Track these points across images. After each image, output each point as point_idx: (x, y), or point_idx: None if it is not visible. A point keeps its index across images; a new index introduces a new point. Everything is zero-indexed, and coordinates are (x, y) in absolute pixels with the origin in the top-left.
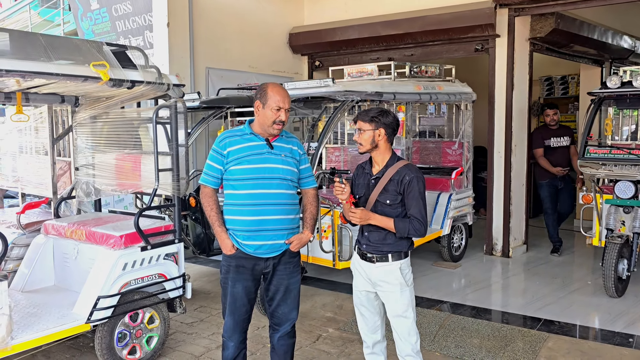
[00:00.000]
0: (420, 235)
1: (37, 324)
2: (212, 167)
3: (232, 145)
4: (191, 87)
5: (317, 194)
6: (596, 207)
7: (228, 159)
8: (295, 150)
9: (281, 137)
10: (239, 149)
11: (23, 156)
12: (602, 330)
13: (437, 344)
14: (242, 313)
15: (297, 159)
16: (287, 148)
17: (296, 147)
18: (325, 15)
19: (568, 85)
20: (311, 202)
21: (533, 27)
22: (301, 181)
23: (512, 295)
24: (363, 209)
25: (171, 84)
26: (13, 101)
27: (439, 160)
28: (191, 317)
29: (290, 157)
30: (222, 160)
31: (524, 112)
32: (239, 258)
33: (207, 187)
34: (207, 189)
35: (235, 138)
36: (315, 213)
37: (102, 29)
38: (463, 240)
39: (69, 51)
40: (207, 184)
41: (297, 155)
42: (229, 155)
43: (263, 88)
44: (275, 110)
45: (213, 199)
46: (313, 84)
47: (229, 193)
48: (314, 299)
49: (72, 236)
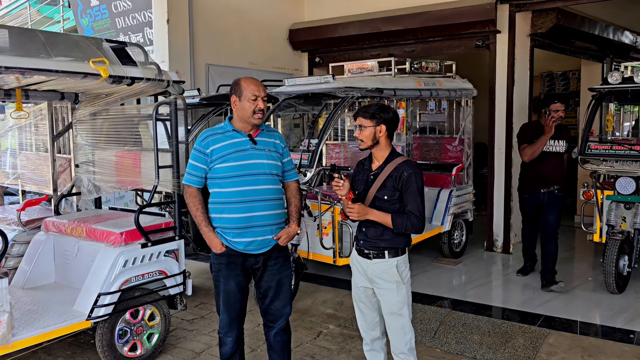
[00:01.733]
0: (418, 231)
1: (38, 321)
2: (195, 166)
3: (215, 143)
4: (191, 84)
5: (299, 187)
6: (597, 203)
7: (212, 157)
8: (278, 144)
9: (263, 131)
10: (223, 146)
11: (23, 153)
12: (603, 327)
13: (437, 340)
14: (236, 308)
15: (280, 152)
16: (270, 142)
17: (278, 141)
18: (326, 11)
19: (569, 81)
20: (295, 195)
21: (534, 22)
22: (284, 174)
23: (513, 292)
24: (361, 205)
25: (171, 81)
26: (13, 98)
27: (439, 156)
28: (192, 314)
29: (274, 151)
30: (206, 159)
31: (525, 108)
32: (229, 255)
33: (191, 187)
34: (191, 189)
35: (217, 136)
36: (299, 206)
37: (101, 26)
38: (463, 237)
39: (68, 48)
40: (191, 183)
41: (280, 149)
42: (213, 153)
43: (236, 82)
44: (252, 100)
45: (198, 199)
46: (313, 80)
47: (214, 191)
48: (314, 296)
49: (72, 233)
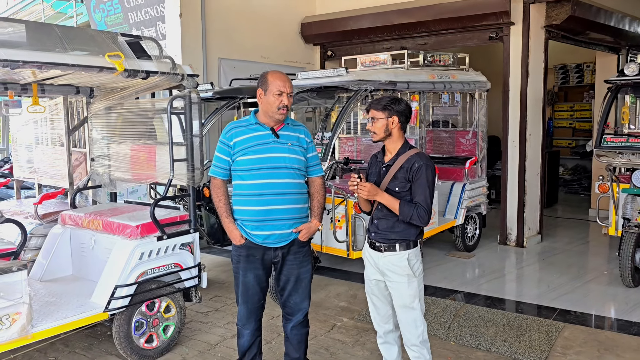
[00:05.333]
0: (424, 223)
1: (56, 312)
2: (220, 158)
3: (238, 135)
4: (204, 78)
5: (324, 183)
6: (612, 196)
7: (235, 149)
8: (302, 139)
9: (287, 125)
10: (245, 139)
11: (39, 147)
12: (618, 320)
13: (451, 333)
14: (254, 301)
15: (305, 147)
16: (294, 137)
17: (303, 135)
18: (338, 4)
19: (583, 73)
20: (318, 190)
21: (548, 14)
22: (308, 169)
23: (527, 285)
24: (373, 185)
25: (185, 74)
26: (29, 93)
27: (452, 149)
28: (206, 306)
29: (297, 145)
30: (229, 151)
31: (539, 101)
32: (248, 247)
33: (216, 179)
34: (216, 180)
35: (241, 128)
36: (322, 202)
37: (114, 21)
38: (477, 230)
39: (84, 42)
40: (216, 175)
41: (305, 144)
42: (236, 145)
43: (263, 75)
44: (277, 95)
45: (222, 190)
46: (326, 73)
47: (237, 183)
48: (328, 289)
49: (89, 226)
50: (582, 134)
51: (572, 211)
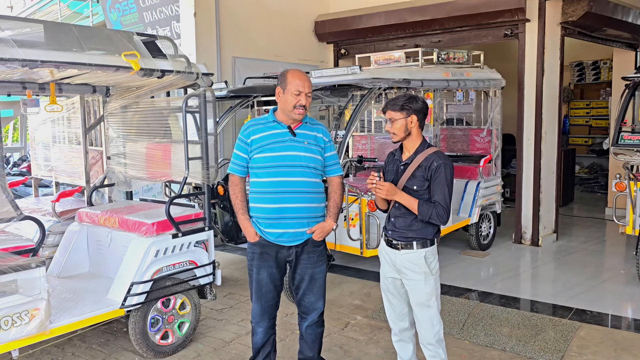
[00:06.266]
0: (443, 222)
1: (74, 308)
2: (238, 155)
3: (256, 133)
4: (218, 77)
5: (342, 182)
6: (630, 194)
7: (252, 147)
8: (320, 138)
9: (305, 124)
10: (262, 137)
11: (56, 146)
12: (635, 320)
13: (466, 332)
14: (268, 299)
15: (322, 146)
16: (311, 135)
17: (321, 135)
18: (351, 2)
19: (600, 70)
20: (335, 190)
21: (565, 10)
22: (326, 169)
23: (542, 284)
24: (391, 184)
25: (200, 73)
26: (47, 92)
27: (467, 148)
28: (221, 303)
29: (314, 144)
30: (247, 148)
31: (555, 98)
32: (262, 245)
33: (234, 176)
34: (234, 177)
35: (259, 126)
36: (339, 201)
37: (130, 20)
38: (491, 229)
39: (100, 41)
40: (234, 172)
41: (322, 143)
42: (253, 143)
43: (283, 74)
44: (296, 94)
45: (239, 187)
46: (340, 71)
47: (253, 181)
48: (341, 287)
49: (105, 224)
50: (598, 131)
51: (589, 210)
